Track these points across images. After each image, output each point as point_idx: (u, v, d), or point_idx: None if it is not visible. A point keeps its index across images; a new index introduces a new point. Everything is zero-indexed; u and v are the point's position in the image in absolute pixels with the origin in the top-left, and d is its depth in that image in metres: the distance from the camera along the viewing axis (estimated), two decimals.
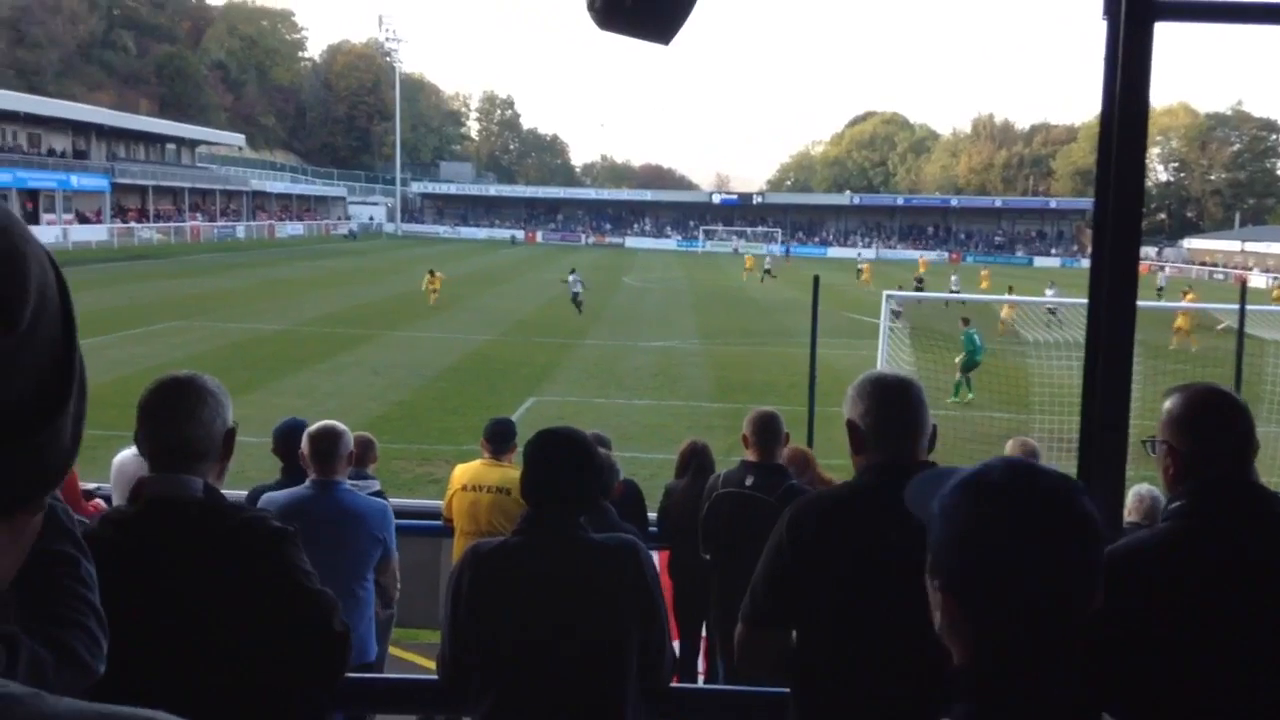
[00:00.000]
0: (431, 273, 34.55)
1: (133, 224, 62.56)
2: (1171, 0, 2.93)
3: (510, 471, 5.95)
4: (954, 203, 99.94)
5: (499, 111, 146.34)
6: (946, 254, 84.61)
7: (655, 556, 6.04)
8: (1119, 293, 3.13)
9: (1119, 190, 2.96)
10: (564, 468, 2.68)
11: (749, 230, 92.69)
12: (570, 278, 32.66)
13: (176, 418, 2.27)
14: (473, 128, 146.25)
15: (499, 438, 5.88)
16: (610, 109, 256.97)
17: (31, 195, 57.24)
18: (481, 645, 2.61)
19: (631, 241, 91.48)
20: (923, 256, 71.69)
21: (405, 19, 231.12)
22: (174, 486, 2.27)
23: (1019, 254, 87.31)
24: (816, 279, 13.65)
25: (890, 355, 15.51)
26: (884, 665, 2.28)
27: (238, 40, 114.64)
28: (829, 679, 2.39)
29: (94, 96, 79.73)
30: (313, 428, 4.49)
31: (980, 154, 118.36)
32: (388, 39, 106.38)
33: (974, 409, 18.56)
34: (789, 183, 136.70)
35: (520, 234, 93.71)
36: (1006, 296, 32.51)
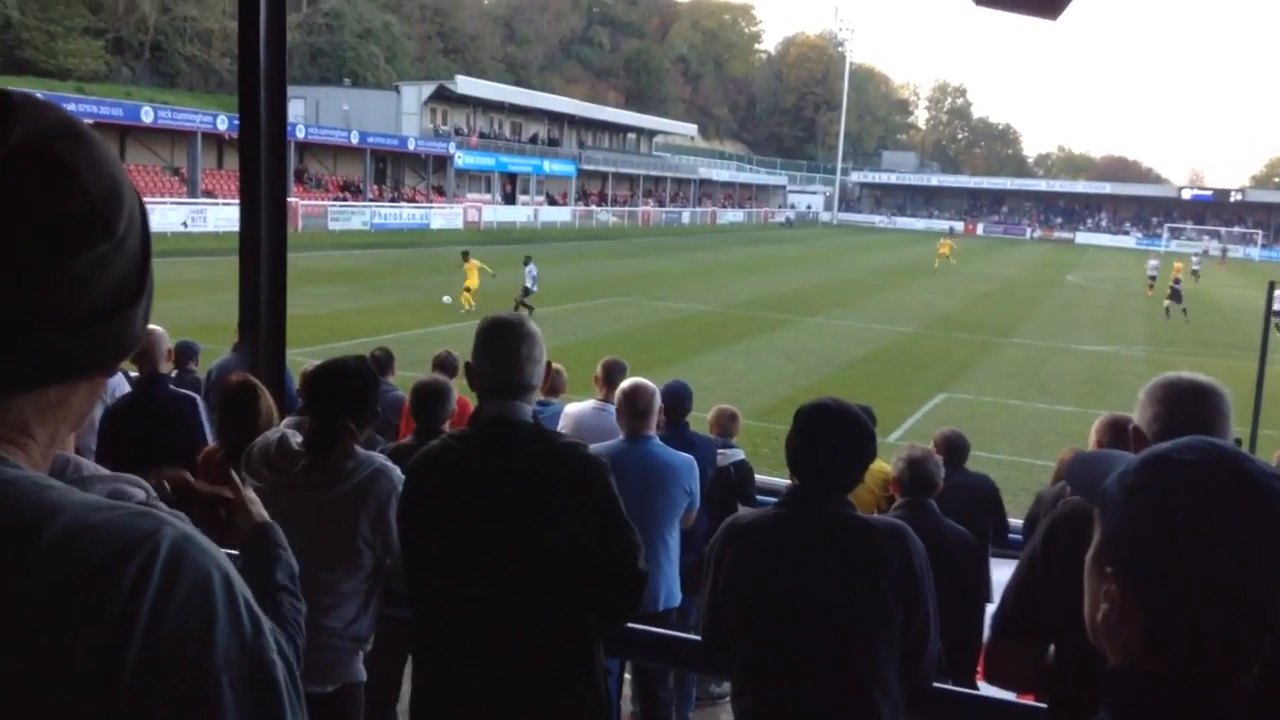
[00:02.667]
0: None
1: (593, 207, 68.06)
2: None
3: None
4: None
5: (949, 100, 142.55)
6: None
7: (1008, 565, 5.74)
8: None
9: None
10: (837, 445, 2.63)
11: (1223, 230, 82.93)
12: (526, 269, 26.57)
13: (511, 354, 2.56)
14: (920, 117, 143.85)
15: None
16: (1071, 98, 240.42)
17: (511, 178, 64.32)
18: (739, 615, 2.65)
19: (1083, 237, 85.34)
20: None
21: (861, 9, 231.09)
22: (509, 410, 2.55)
23: None
24: (1271, 285, 12.09)
25: None
26: None
27: (699, 34, 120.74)
28: (1082, 693, 2.21)
29: (570, 89, 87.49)
30: (625, 384, 4.79)
31: None
32: (841, 30, 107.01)
33: None
34: (1278, 179, 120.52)
35: (959, 225, 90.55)
36: None
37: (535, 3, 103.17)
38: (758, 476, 6.61)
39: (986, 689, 2.69)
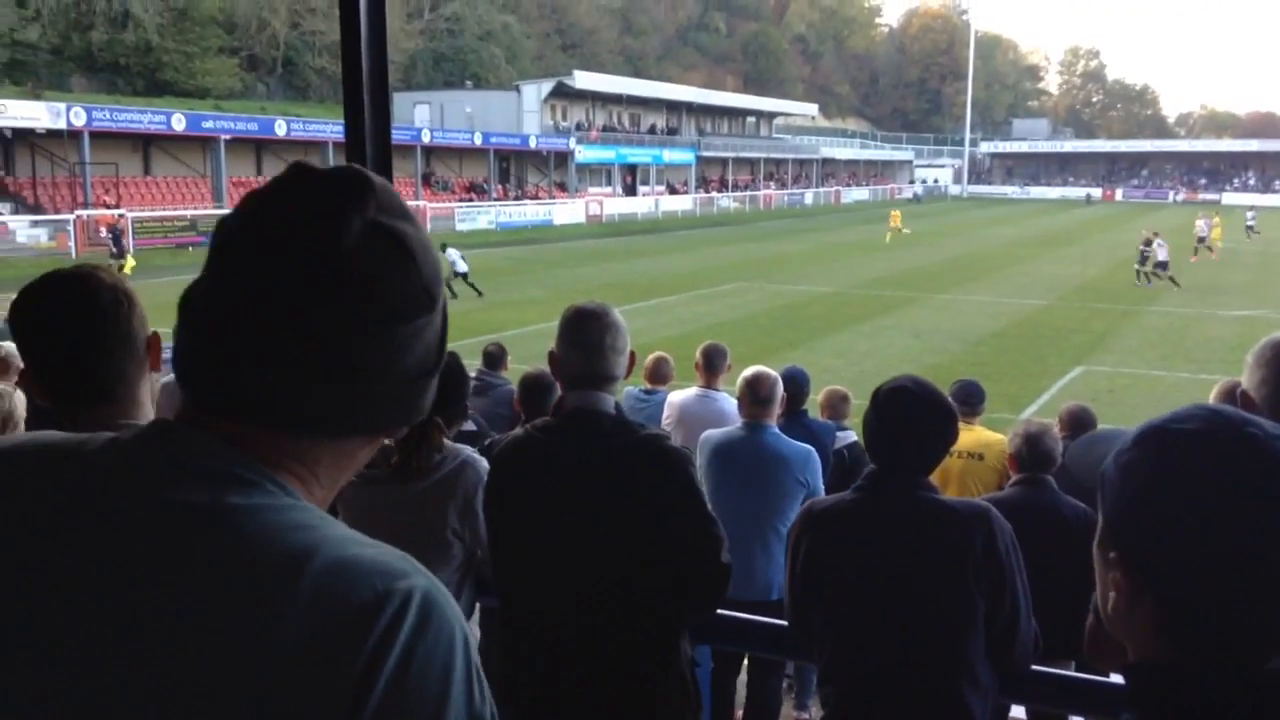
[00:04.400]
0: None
1: (713, 194, 67.86)
2: None
3: (984, 435, 5.76)
4: None
5: (1082, 63, 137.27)
6: None
7: None
8: None
9: None
10: (916, 426, 2.56)
11: None
12: (449, 254, 25.36)
13: (595, 344, 2.57)
14: (1052, 82, 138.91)
15: (971, 398, 5.74)
16: (1212, 53, 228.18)
17: (631, 169, 64.65)
18: (818, 601, 2.60)
19: (1230, 198, 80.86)
20: None
21: None
22: (591, 401, 2.57)
23: None
24: None
25: None
26: None
27: (818, 13, 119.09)
28: None
29: (687, 76, 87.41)
30: (746, 373, 4.73)
31: None
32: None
33: None
34: None
35: (1097, 192, 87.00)
36: None
37: None
38: None
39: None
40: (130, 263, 27.27)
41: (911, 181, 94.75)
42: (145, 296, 1.74)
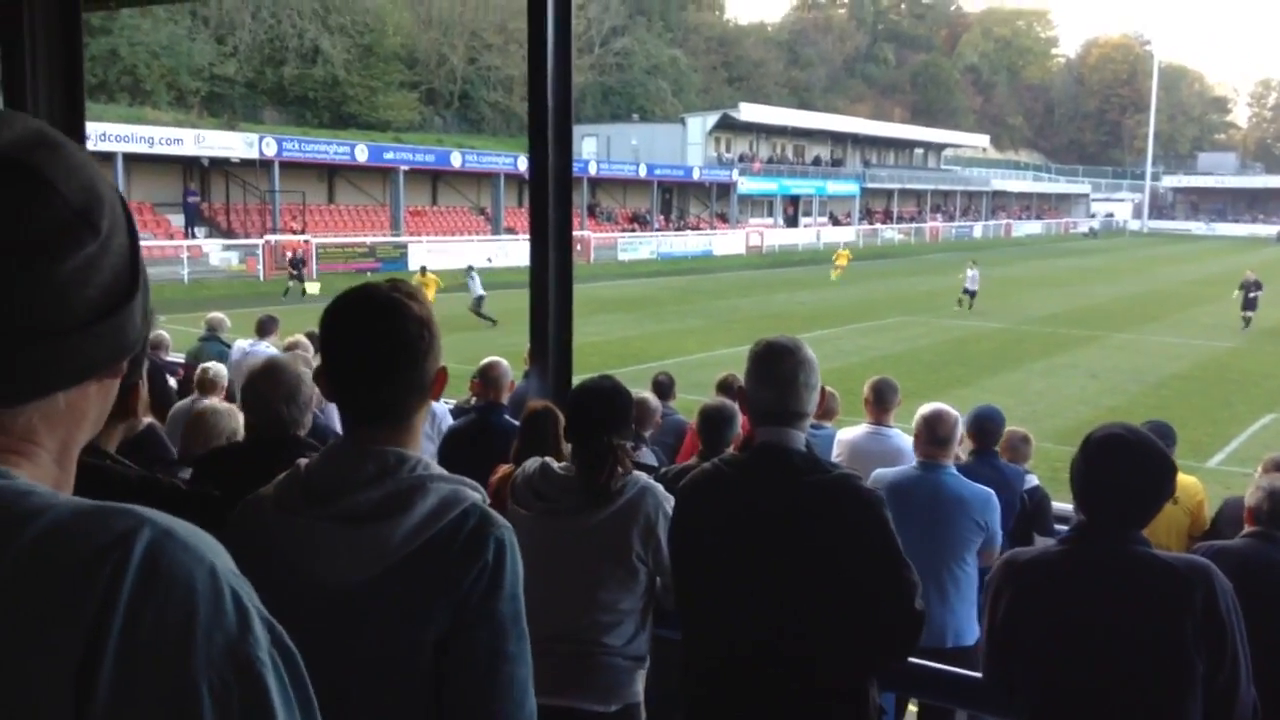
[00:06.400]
0: None
1: (877, 225, 66.88)
2: None
3: (1182, 478, 5.47)
4: None
5: (1274, 95, 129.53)
6: None
7: None
8: None
9: None
10: (1132, 477, 2.41)
11: None
12: (471, 277, 24.82)
13: (789, 381, 2.54)
14: (1241, 115, 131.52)
15: (1163, 438, 5.47)
16: None
17: (793, 200, 64.39)
18: (1022, 657, 2.49)
19: None
20: None
21: (1167, 6, 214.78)
22: (781, 437, 2.54)
23: None
24: None
25: None
26: None
27: (991, 43, 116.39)
28: None
29: (854, 108, 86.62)
30: (925, 409, 4.62)
31: None
32: (1147, 28, 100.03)
33: None
34: None
35: None
36: None
37: (819, 24, 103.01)
38: (1059, 505, 6.26)
39: None
40: (312, 287, 28.70)
41: (1090, 215, 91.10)
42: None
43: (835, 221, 65.12)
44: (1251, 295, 26.02)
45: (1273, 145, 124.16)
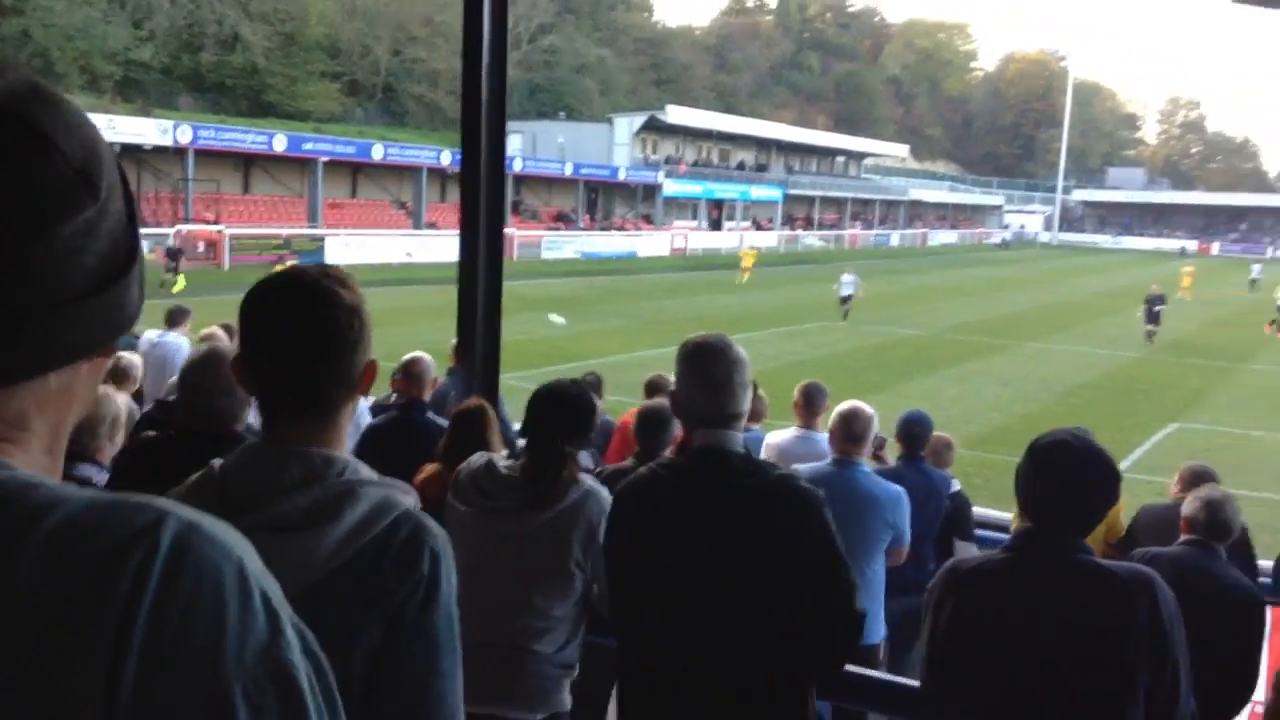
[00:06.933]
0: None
1: (799, 231, 67.63)
2: None
3: None
4: None
5: (1182, 114, 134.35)
6: None
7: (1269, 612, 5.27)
8: None
9: None
10: (1079, 485, 2.40)
11: None
12: None
13: (723, 382, 2.47)
14: (1150, 132, 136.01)
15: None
16: None
17: (717, 204, 64.79)
18: (964, 665, 2.48)
19: None
20: None
21: (1084, 25, 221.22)
22: (719, 439, 2.47)
23: None
24: None
25: None
26: None
27: (913, 54, 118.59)
28: None
29: (779, 114, 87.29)
30: (840, 407, 4.65)
31: None
32: (1063, 45, 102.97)
33: None
34: None
35: (1193, 245, 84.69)
36: None
37: (746, 30, 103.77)
38: (976, 509, 6.34)
39: None
40: (180, 283, 27.79)
41: (1003, 226, 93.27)
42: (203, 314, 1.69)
43: (758, 226, 65.67)
44: (1155, 309, 26.86)
45: (1179, 162, 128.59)
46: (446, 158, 44.80)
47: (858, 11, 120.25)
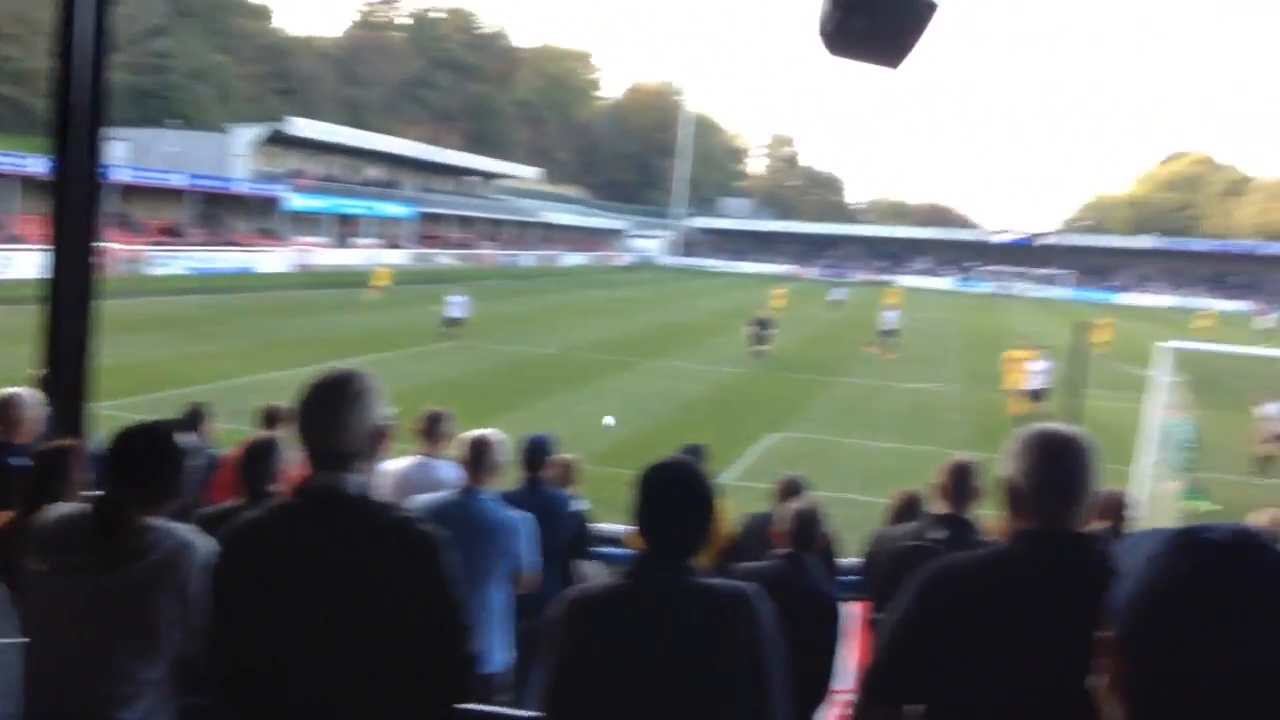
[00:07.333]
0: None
1: (431, 250, 67.26)
2: None
3: None
4: (1269, 250, 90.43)
5: (782, 149, 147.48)
6: (1248, 306, 73.92)
7: (853, 607, 5.83)
8: None
9: None
10: (680, 506, 2.51)
11: (1030, 272, 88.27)
12: None
13: (331, 420, 2.35)
14: (756, 165, 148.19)
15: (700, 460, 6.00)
16: (893, 148, 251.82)
17: (345, 220, 62.97)
18: (583, 693, 2.49)
19: (905, 280, 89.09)
20: (1201, 309, 64.81)
21: (700, 61, 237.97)
22: (334, 481, 2.34)
23: None
24: (1081, 326, 12.82)
25: (1162, 412, 14.34)
26: None
27: (542, 80, 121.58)
28: None
29: (410, 131, 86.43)
30: (466, 435, 4.65)
31: None
32: (680, 80, 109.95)
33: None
34: (1087, 224, 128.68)
35: (794, 269, 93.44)
36: None
37: (375, 45, 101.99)
38: (604, 525, 6.50)
39: None
40: None
41: (628, 250, 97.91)
42: None
43: (392, 245, 64.61)
44: (763, 332, 29.20)
45: (781, 193, 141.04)
46: (36, 165, 40.29)
47: (488, 34, 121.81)
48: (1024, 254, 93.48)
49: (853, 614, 5.77)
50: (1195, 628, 1.04)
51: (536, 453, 5.70)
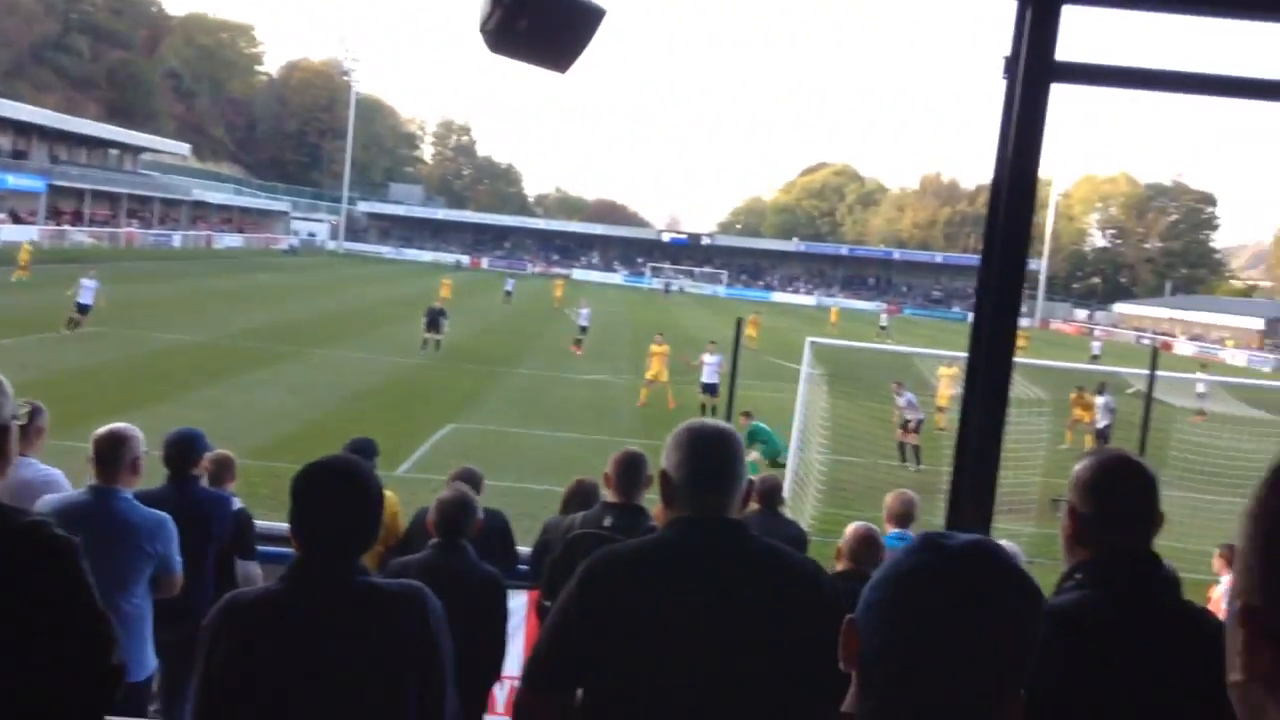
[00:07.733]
0: None
1: (66, 227, 61.12)
2: (1069, 62, 2.86)
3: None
4: (896, 255, 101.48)
5: (455, 137, 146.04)
6: (883, 305, 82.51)
7: (525, 595, 5.78)
8: (997, 350, 3.02)
9: (1004, 250, 2.90)
10: (341, 506, 2.43)
11: (695, 270, 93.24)
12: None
13: None
14: (427, 151, 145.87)
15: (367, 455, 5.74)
16: (570, 144, 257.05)
17: None
18: (242, 703, 2.35)
19: (578, 274, 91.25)
20: (835, 307, 71.45)
21: (367, 41, 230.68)
22: None
23: (956, 309, 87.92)
24: (739, 321, 13.61)
25: (808, 401, 15.49)
26: None
27: (194, 50, 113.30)
28: None
29: (41, 98, 77.83)
30: (99, 431, 4.29)
31: (925, 210, 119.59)
32: (347, 58, 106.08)
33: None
34: (739, 226, 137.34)
35: (465, 259, 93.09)
36: (941, 352, 32.52)
37: (3, 4, 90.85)
38: (263, 523, 6.14)
39: None
40: None
41: (291, 233, 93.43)
42: None
43: (16, 219, 57.94)
44: (435, 321, 28.76)
45: (453, 182, 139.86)
46: None
47: None
48: (688, 252, 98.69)
49: (526, 602, 5.77)
50: (925, 611, 1.13)
51: (184, 448, 5.22)
